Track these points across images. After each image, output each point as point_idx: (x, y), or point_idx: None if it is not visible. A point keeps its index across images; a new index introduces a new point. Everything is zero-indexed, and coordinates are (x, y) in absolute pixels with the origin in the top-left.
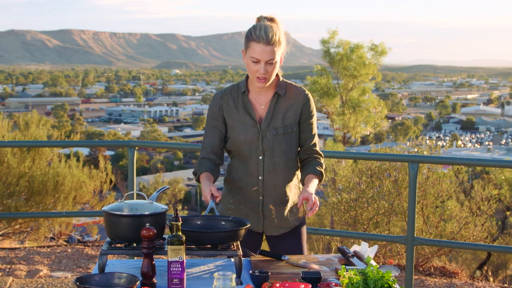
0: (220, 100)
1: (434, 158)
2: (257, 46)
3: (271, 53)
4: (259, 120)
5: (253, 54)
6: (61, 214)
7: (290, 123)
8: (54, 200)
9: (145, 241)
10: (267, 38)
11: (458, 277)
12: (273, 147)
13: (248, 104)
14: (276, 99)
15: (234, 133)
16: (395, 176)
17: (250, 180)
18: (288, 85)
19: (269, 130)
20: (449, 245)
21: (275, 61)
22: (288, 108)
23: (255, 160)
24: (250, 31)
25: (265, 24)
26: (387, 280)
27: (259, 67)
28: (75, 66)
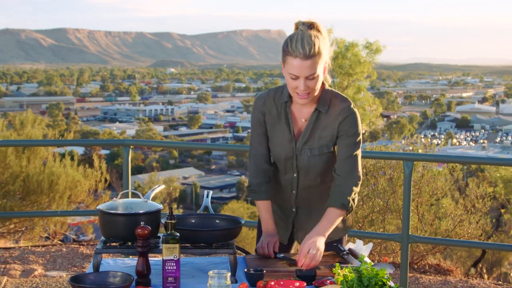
0: (263, 107)
1: (429, 156)
2: (294, 61)
3: (311, 67)
4: (296, 135)
5: (291, 70)
6: (56, 213)
7: (326, 142)
8: (49, 199)
9: (140, 240)
10: (304, 52)
11: (452, 275)
12: (308, 167)
13: (289, 116)
14: (317, 115)
15: (272, 144)
16: (390, 174)
17: (283, 192)
18: (333, 99)
19: (304, 150)
20: (443, 242)
21: (317, 75)
22: (326, 125)
23: (290, 176)
24: (287, 43)
25: (302, 33)
26: (382, 278)
27: (298, 83)
28: (70, 65)
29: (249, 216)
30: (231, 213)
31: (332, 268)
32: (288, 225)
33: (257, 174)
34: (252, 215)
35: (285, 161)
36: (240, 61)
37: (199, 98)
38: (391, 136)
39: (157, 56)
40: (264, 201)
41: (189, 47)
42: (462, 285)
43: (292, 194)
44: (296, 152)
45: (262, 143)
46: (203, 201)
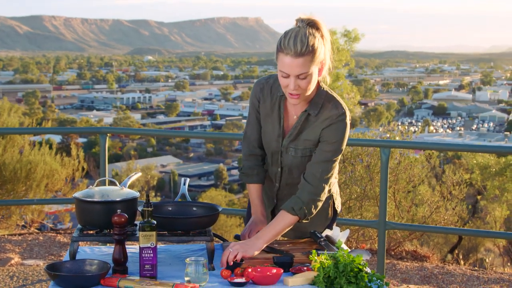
0: (260, 93)
1: (405, 143)
2: (285, 59)
3: (302, 66)
4: (286, 131)
5: (281, 68)
6: (32, 201)
7: (309, 146)
8: (25, 187)
9: (117, 228)
10: (295, 50)
11: (429, 261)
12: (291, 166)
13: (282, 111)
14: (305, 117)
15: (262, 135)
16: (367, 161)
17: (268, 183)
18: (326, 103)
19: (289, 149)
20: (420, 229)
21: (309, 74)
22: (313, 128)
23: (274, 169)
24: (280, 39)
25: (297, 30)
26: (358, 264)
27: (288, 82)
28: (46, 52)
29: (227, 204)
30: (209, 200)
31: (309, 255)
32: (268, 214)
33: (249, 156)
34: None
35: (272, 155)
36: (218, 49)
37: (177, 86)
38: (368, 123)
39: (134, 43)
40: (255, 184)
41: (167, 35)
42: (438, 271)
43: (275, 186)
44: (281, 149)
45: (255, 127)
46: (180, 189)
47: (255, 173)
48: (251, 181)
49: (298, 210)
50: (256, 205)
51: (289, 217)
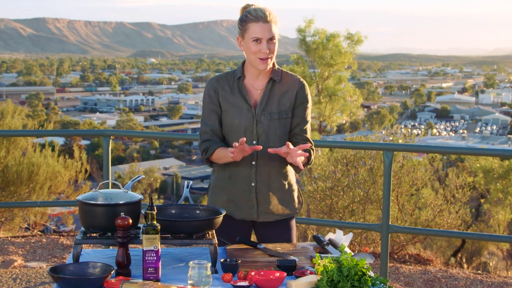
0: (216, 83)
1: (408, 146)
2: (256, 26)
3: (271, 30)
4: (254, 104)
5: (253, 34)
6: (36, 203)
7: (285, 108)
8: (29, 190)
9: (120, 230)
10: (265, 16)
11: (432, 264)
12: (268, 132)
13: (243, 89)
14: (272, 84)
15: (229, 118)
16: (370, 164)
17: (242, 166)
18: (284, 73)
19: (264, 115)
20: (423, 232)
21: (276, 39)
22: (283, 93)
23: (249, 143)
24: (245, 14)
25: (257, 6)
26: (361, 268)
27: (261, 46)
28: (50, 55)
29: None
30: None
31: (312, 258)
32: (252, 201)
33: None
34: None
35: (245, 130)
36: (221, 51)
37: (180, 88)
38: (371, 126)
39: (137, 46)
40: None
41: (170, 37)
42: (442, 274)
43: (251, 166)
44: (256, 118)
45: (214, 119)
46: (183, 191)
47: (215, 144)
48: (214, 148)
49: (312, 154)
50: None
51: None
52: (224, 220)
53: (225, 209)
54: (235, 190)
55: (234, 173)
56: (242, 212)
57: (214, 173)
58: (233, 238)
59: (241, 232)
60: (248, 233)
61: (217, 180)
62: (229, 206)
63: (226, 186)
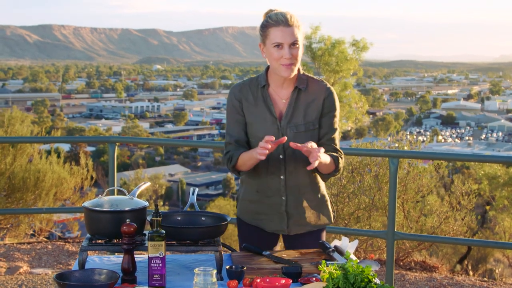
0: (239, 93)
1: (414, 153)
2: (277, 30)
3: (293, 34)
4: (279, 116)
5: (274, 39)
6: (41, 210)
7: (311, 119)
8: (34, 196)
9: (126, 237)
10: (286, 20)
11: (438, 271)
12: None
13: (268, 99)
14: (297, 93)
15: (253, 130)
16: (376, 171)
17: (271, 180)
18: (310, 79)
19: (289, 128)
20: (429, 239)
21: (299, 43)
22: (309, 103)
23: (275, 159)
24: (266, 20)
25: (278, 11)
26: (367, 275)
27: (283, 52)
28: (56, 61)
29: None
30: (217, 210)
31: (318, 265)
32: (282, 214)
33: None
34: None
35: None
36: (226, 58)
37: (185, 95)
38: (377, 133)
39: (143, 52)
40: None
41: (175, 44)
42: (447, 281)
43: (280, 180)
44: (281, 131)
45: (239, 129)
46: (189, 198)
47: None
48: (237, 154)
49: (341, 164)
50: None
51: (331, 162)
52: (252, 231)
53: (254, 221)
54: (264, 203)
55: (262, 187)
56: (273, 225)
57: (243, 184)
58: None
59: (269, 244)
60: (275, 244)
61: (245, 193)
62: (259, 218)
63: (255, 198)
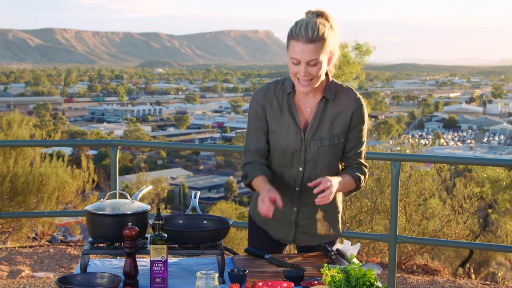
0: (263, 99)
1: (416, 157)
2: (296, 45)
3: (313, 52)
4: (304, 126)
5: (292, 54)
6: (43, 214)
7: (337, 133)
8: (36, 200)
9: (128, 241)
10: (307, 36)
11: (440, 275)
12: (316, 159)
13: (294, 108)
14: (324, 104)
15: (275, 139)
16: (378, 174)
17: (285, 189)
18: (339, 88)
19: (313, 140)
20: (431, 243)
21: (319, 61)
22: (336, 115)
23: (294, 171)
24: (292, 28)
25: (308, 19)
26: (369, 278)
27: (299, 68)
28: (58, 65)
29: (237, 217)
30: (219, 213)
31: (320, 268)
32: (290, 224)
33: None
34: (240, 215)
35: (292, 154)
36: (228, 61)
37: (187, 98)
38: (378, 136)
39: (144, 56)
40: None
41: (177, 47)
42: (449, 285)
43: (295, 191)
44: (305, 144)
45: (260, 137)
46: (191, 201)
47: (256, 170)
48: (253, 175)
49: (361, 181)
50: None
51: (351, 183)
52: (260, 234)
53: (263, 225)
54: (276, 210)
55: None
56: (280, 232)
57: None
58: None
59: (275, 250)
60: (280, 252)
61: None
62: (268, 222)
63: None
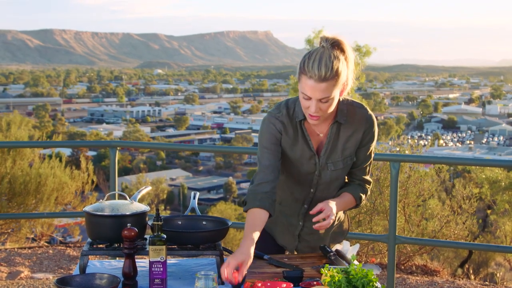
0: (281, 126)
1: (415, 157)
2: (308, 82)
3: (325, 90)
4: (317, 150)
5: (303, 90)
6: (42, 215)
7: (350, 153)
8: (35, 201)
9: (127, 242)
10: (319, 74)
11: (439, 275)
12: (329, 182)
13: (306, 133)
14: (336, 127)
15: (288, 164)
16: (377, 175)
17: (294, 204)
18: (349, 108)
19: (327, 165)
20: (430, 243)
21: (331, 98)
22: (349, 137)
23: (305, 190)
24: (304, 60)
25: (322, 52)
26: (370, 279)
27: (310, 103)
28: (57, 66)
29: (236, 218)
30: (218, 214)
31: (319, 269)
32: (294, 237)
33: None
34: (239, 216)
35: (305, 177)
36: (227, 62)
37: (186, 99)
38: (378, 137)
39: (144, 57)
40: (256, 209)
41: (176, 48)
42: (449, 285)
43: (303, 208)
44: (319, 168)
45: (274, 160)
46: (190, 202)
47: (256, 200)
48: (251, 205)
49: (362, 199)
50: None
51: (351, 201)
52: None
53: (268, 229)
54: (282, 217)
55: (284, 204)
56: (284, 241)
57: None
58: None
59: (277, 253)
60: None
61: None
62: (273, 228)
63: (276, 208)
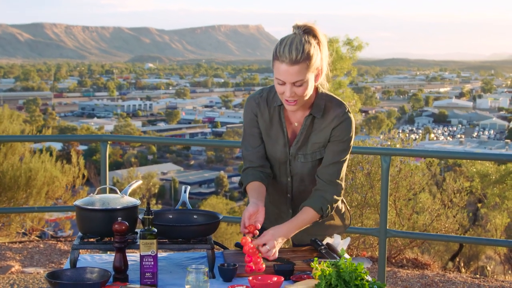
0: (256, 107)
1: (406, 151)
2: (281, 66)
3: (298, 73)
4: (290, 139)
5: (277, 75)
6: (33, 209)
7: (318, 148)
8: (26, 195)
9: (117, 235)
10: (290, 57)
11: (430, 269)
12: (302, 173)
13: (283, 120)
14: (310, 120)
15: (266, 148)
16: (368, 169)
17: (279, 196)
18: (328, 104)
19: (297, 156)
20: (421, 237)
21: (305, 81)
22: (319, 132)
23: (284, 180)
24: (276, 47)
25: (293, 37)
26: (360, 272)
27: (285, 88)
28: (47, 60)
29: (228, 212)
30: (210, 208)
31: (310, 263)
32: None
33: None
34: (231, 210)
35: (279, 165)
36: (219, 56)
37: (178, 93)
38: (369, 131)
39: (135, 51)
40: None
41: (167, 42)
42: (439, 279)
43: (287, 198)
44: (289, 158)
45: (256, 142)
46: (181, 196)
47: (249, 176)
48: (246, 182)
49: (325, 210)
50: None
51: (313, 215)
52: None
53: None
54: (272, 207)
55: (271, 192)
56: None
57: None
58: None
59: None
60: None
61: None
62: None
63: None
